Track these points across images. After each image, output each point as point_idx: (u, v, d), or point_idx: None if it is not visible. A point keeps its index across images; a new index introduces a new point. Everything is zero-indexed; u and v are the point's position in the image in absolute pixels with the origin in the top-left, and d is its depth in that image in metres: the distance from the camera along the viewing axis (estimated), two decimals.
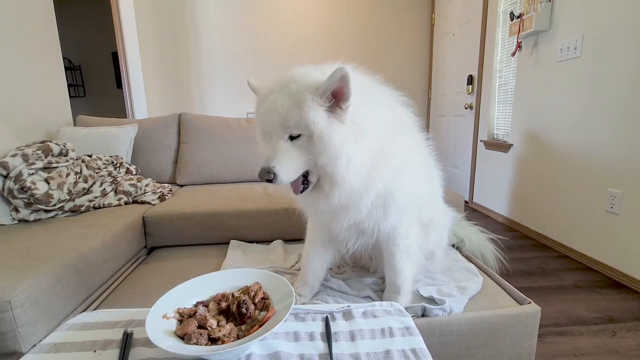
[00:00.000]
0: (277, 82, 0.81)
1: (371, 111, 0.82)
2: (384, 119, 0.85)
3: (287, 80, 0.79)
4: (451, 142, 3.82)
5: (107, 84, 5.45)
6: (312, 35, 4.15)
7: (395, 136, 0.88)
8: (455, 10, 3.61)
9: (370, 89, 0.89)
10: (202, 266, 1.40)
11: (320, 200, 0.87)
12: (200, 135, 2.31)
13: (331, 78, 0.72)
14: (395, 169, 0.88)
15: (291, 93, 0.76)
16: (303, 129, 0.76)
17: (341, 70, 0.71)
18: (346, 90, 0.73)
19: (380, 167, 0.84)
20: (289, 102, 0.76)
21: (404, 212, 0.98)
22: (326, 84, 0.73)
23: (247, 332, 0.66)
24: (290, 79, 0.79)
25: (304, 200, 0.94)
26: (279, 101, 0.76)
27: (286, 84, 0.78)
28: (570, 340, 1.40)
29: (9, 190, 1.42)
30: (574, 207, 2.18)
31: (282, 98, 0.77)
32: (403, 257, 1.03)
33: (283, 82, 0.79)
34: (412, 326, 0.75)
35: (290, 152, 0.77)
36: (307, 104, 0.74)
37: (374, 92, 0.89)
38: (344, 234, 1.01)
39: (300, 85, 0.76)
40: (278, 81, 0.81)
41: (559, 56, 2.24)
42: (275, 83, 0.82)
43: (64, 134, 2.12)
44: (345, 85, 0.73)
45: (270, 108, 0.78)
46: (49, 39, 2.40)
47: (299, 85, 0.76)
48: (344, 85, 0.73)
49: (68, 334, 0.74)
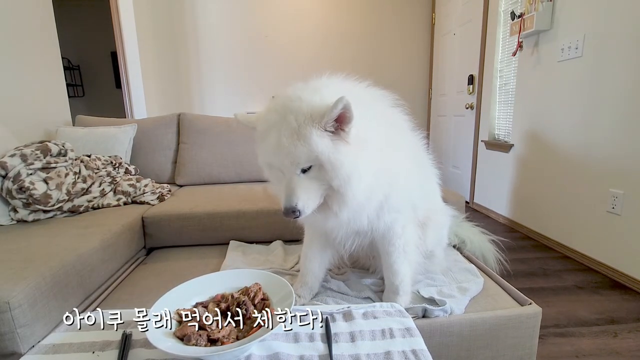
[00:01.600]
0: (272, 114, 0.78)
1: (370, 122, 0.81)
2: (380, 126, 0.85)
3: (283, 112, 0.76)
4: (452, 142, 3.82)
5: (106, 84, 5.45)
6: (312, 34, 4.15)
7: (389, 140, 0.87)
8: (455, 9, 3.61)
9: (364, 99, 0.88)
10: (202, 267, 1.39)
11: (329, 219, 0.86)
12: (199, 136, 2.30)
13: (334, 109, 0.71)
14: (389, 171, 0.88)
15: (293, 128, 0.74)
16: (313, 161, 0.75)
17: (342, 101, 0.70)
18: (349, 115, 0.72)
19: (380, 175, 0.84)
20: (293, 139, 0.73)
21: (398, 211, 0.98)
22: (329, 115, 0.72)
23: (246, 333, 0.65)
24: (286, 110, 0.76)
25: (312, 219, 0.91)
26: (284, 141, 0.74)
27: (284, 117, 0.75)
28: (571, 341, 1.39)
29: (8, 190, 1.41)
30: (575, 208, 2.17)
31: (286, 136, 0.74)
32: (400, 256, 1.03)
33: (280, 114, 0.76)
34: (413, 327, 0.74)
35: (306, 185, 0.77)
36: (313, 138, 0.73)
37: (366, 101, 0.88)
38: (341, 236, 1.01)
39: (300, 117, 0.74)
40: (272, 111, 0.78)
41: (560, 56, 2.24)
42: (270, 115, 0.78)
43: (63, 134, 2.12)
44: (347, 111, 0.72)
45: (276, 148, 0.75)
46: (48, 39, 2.39)
47: (298, 117, 0.74)
48: (346, 112, 0.72)
49: (67, 335, 0.73)
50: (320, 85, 0.80)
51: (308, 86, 0.81)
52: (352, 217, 0.86)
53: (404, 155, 0.95)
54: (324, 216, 0.85)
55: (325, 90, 0.78)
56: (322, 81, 0.84)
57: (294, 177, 0.77)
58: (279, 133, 0.75)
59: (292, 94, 0.78)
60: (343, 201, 0.80)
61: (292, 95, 0.78)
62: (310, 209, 0.78)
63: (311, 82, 0.83)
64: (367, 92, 0.93)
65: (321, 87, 0.79)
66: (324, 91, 0.78)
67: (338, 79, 0.87)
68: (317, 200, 0.80)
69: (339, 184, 0.77)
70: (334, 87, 0.81)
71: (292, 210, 0.76)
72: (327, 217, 0.85)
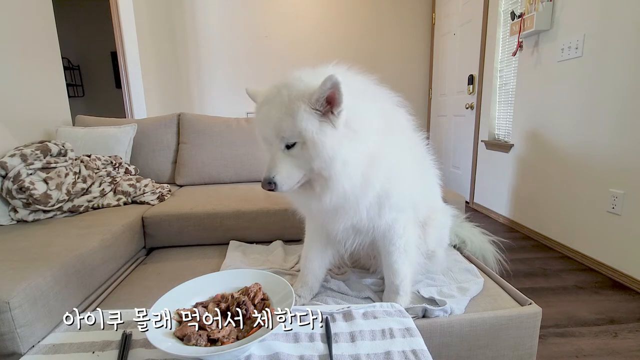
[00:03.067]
0: (272, 89, 0.82)
1: (364, 113, 0.82)
2: (377, 120, 0.86)
3: (280, 87, 0.80)
4: (452, 142, 3.82)
5: (106, 84, 5.45)
6: (312, 34, 4.15)
7: (388, 136, 0.88)
8: (456, 9, 3.61)
9: (364, 90, 0.89)
10: (202, 267, 1.39)
11: (312, 201, 0.87)
12: (199, 136, 2.30)
13: (322, 86, 0.72)
14: (389, 168, 0.88)
15: (283, 102, 0.77)
16: (297, 137, 0.77)
17: (331, 78, 0.71)
18: (338, 96, 0.74)
19: (376, 167, 0.85)
20: (281, 112, 0.77)
21: (399, 210, 0.98)
22: (318, 92, 0.73)
23: (246, 333, 0.65)
24: (283, 85, 0.80)
25: (297, 200, 0.96)
26: (273, 112, 0.78)
27: (279, 92, 0.79)
28: (571, 341, 1.39)
29: (8, 190, 1.41)
30: (576, 208, 2.17)
31: (275, 108, 0.78)
32: (401, 256, 1.03)
33: (277, 89, 0.80)
34: (413, 327, 0.74)
35: (287, 161, 0.79)
36: (300, 113, 0.75)
37: (367, 93, 0.89)
38: (342, 234, 1.01)
39: (293, 93, 0.77)
40: (273, 87, 0.82)
41: (560, 56, 2.24)
42: (270, 90, 0.83)
43: (63, 133, 2.12)
44: (336, 91, 0.73)
45: (265, 118, 0.80)
46: (48, 39, 2.39)
47: (291, 93, 0.77)
48: (335, 92, 0.73)
49: (67, 335, 0.73)
50: (324, 72, 0.82)
51: (314, 70, 0.84)
52: (341, 205, 0.87)
53: (406, 154, 0.96)
54: (307, 198, 0.88)
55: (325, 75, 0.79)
56: (327, 70, 0.85)
57: (278, 151, 0.80)
58: (271, 105, 0.79)
59: (294, 74, 0.82)
60: (326, 185, 0.82)
61: (295, 75, 0.81)
62: (288, 185, 0.81)
63: (317, 69, 0.85)
64: (371, 87, 0.93)
65: (324, 74, 0.80)
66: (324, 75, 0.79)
67: (342, 70, 0.88)
68: (297, 178, 0.81)
69: (320, 166, 0.78)
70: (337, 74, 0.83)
71: (269, 182, 0.79)
72: (310, 199, 0.87)
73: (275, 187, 0.79)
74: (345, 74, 0.87)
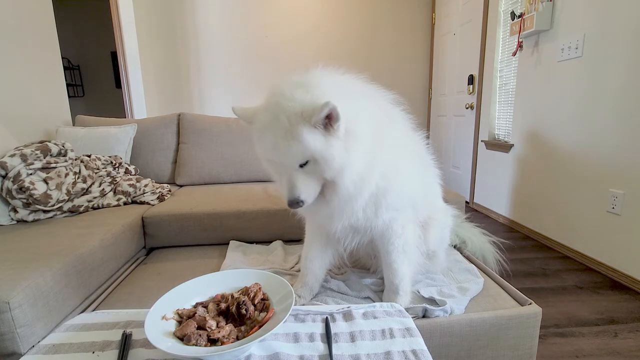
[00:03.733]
0: (266, 113, 0.81)
1: (360, 115, 0.83)
2: (373, 120, 0.86)
3: (276, 112, 0.78)
4: (452, 142, 3.82)
5: (106, 84, 5.45)
6: (312, 34, 4.15)
7: (385, 135, 0.89)
8: (455, 9, 3.61)
9: (356, 92, 0.90)
10: (202, 267, 1.39)
11: (322, 206, 0.89)
12: (199, 136, 2.30)
13: (319, 113, 0.73)
14: (385, 166, 0.89)
15: (286, 128, 0.77)
16: (308, 157, 0.79)
17: (328, 105, 0.72)
18: (335, 114, 0.75)
19: (372, 167, 0.86)
20: (287, 139, 0.77)
21: (397, 209, 0.98)
22: (316, 117, 0.74)
23: (246, 333, 0.65)
24: (279, 109, 0.78)
25: (307, 208, 0.95)
26: (279, 142, 0.78)
27: (277, 117, 0.78)
28: (571, 341, 1.39)
29: (8, 190, 1.41)
30: (576, 208, 2.17)
31: (280, 137, 0.78)
32: (400, 256, 1.03)
33: (273, 114, 0.79)
34: (413, 327, 0.74)
35: (304, 178, 0.82)
36: (305, 135, 0.76)
37: (360, 95, 0.90)
38: (340, 233, 1.02)
39: (292, 117, 0.76)
40: (267, 111, 0.81)
41: (560, 56, 2.24)
42: (266, 114, 0.81)
43: (63, 133, 2.12)
44: (334, 113, 0.74)
45: (273, 148, 0.80)
46: (48, 39, 2.39)
47: (290, 117, 0.77)
48: (333, 113, 0.75)
49: (67, 335, 0.73)
50: (313, 81, 0.82)
51: (301, 83, 0.82)
52: (342, 206, 0.89)
53: (402, 152, 0.96)
54: (317, 206, 0.89)
55: (316, 90, 0.80)
56: (315, 77, 0.85)
57: (293, 172, 0.81)
58: (274, 133, 0.79)
59: (285, 92, 0.80)
60: (334, 190, 0.84)
61: (286, 94, 0.80)
62: (312, 198, 0.84)
63: (304, 77, 0.84)
64: (361, 86, 0.94)
65: (313, 84, 0.81)
66: (316, 90, 0.79)
67: (330, 73, 0.89)
68: (317, 189, 0.85)
69: (332, 175, 0.82)
70: (326, 84, 0.83)
71: (297, 202, 0.82)
72: (321, 204, 0.89)
73: (303, 203, 0.82)
74: (334, 78, 0.88)
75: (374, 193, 0.91)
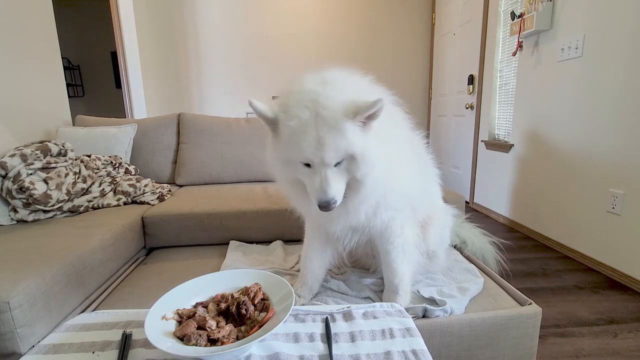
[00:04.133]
0: (304, 109, 0.76)
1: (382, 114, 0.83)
2: (384, 120, 0.86)
3: (315, 108, 0.75)
4: (452, 142, 3.82)
5: (106, 84, 5.45)
6: (312, 34, 4.15)
7: (390, 135, 0.89)
8: (455, 9, 3.61)
9: (375, 92, 0.90)
10: (202, 267, 1.39)
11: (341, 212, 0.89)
12: (199, 136, 2.30)
13: (371, 108, 0.74)
14: (387, 167, 0.88)
15: (330, 124, 0.75)
16: (349, 154, 0.78)
17: (381, 102, 0.74)
18: (379, 113, 0.76)
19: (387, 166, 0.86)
20: (333, 134, 0.75)
21: (395, 209, 0.98)
22: (365, 112, 0.75)
23: (246, 333, 0.65)
24: (318, 106, 0.75)
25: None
26: (324, 138, 0.75)
27: (317, 112, 0.75)
28: (571, 341, 1.39)
29: (8, 190, 1.41)
30: (576, 208, 2.17)
31: (325, 132, 0.75)
32: (399, 255, 1.03)
33: (312, 110, 0.76)
34: (413, 327, 0.74)
35: (338, 177, 0.80)
36: (349, 131, 0.76)
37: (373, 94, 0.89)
38: (340, 233, 1.02)
39: (335, 112, 0.75)
40: (303, 107, 0.76)
41: (560, 56, 2.24)
42: (302, 110, 0.76)
43: (63, 133, 2.12)
44: (380, 110, 0.76)
45: (315, 145, 0.75)
46: (48, 39, 2.39)
47: (333, 112, 0.75)
48: (379, 111, 0.76)
49: (67, 335, 0.73)
50: (338, 78, 0.83)
51: (325, 80, 0.81)
52: (358, 205, 0.88)
53: (401, 151, 0.96)
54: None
55: (347, 88, 0.81)
56: (338, 74, 0.85)
57: (328, 171, 0.78)
58: (317, 129, 0.75)
59: (317, 89, 0.78)
60: (356, 189, 0.84)
61: (319, 91, 0.78)
62: (341, 198, 0.82)
63: (326, 75, 0.84)
64: (372, 86, 0.94)
65: (339, 81, 0.82)
66: (347, 88, 0.80)
67: (345, 71, 0.89)
68: (344, 189, 0.83)
69: (363, 174, 0.81)
70: (352, 82, 0.85)
71: (332, 202, 0.78)
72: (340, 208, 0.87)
73: (335, 204, 0.80)
74: (354, 77, 0.89)
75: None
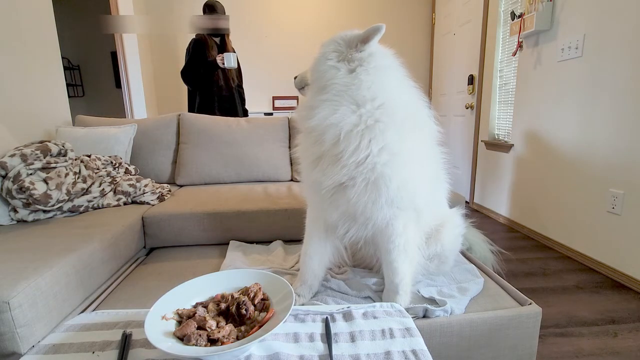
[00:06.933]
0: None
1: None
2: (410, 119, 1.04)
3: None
4: (452, 142, 3.82)
5: (106, 84, 5.44)
6: (312, 34, 4.15)
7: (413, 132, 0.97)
8: (455, 9, 3.61)
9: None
10: (202, 267, 1.39)
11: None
12: (199, 136, 2.30)
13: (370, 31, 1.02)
14: (391, 153, 0.90)
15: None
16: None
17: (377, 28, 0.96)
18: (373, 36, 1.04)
19: (371, 131, 0.90)
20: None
21: (399, 207, 0.97)
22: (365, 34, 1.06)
23: (246, 333, 0.65)
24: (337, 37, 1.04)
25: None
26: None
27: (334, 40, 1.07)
28: (571, 341, 1.39)
29: (8, 190, 1.41)
30: (576, 208, 2.17)
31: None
32: (400, 255, 1.02)
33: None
34: (413, 327, 0.74)
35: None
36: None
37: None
38: (337, 221, 1.01)
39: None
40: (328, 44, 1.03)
41: (560, 56, 2.24)
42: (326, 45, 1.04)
43: (63, 133, 2.12)
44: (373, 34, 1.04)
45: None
46: (48, 38, 2.39)
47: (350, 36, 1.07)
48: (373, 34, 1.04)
49: (67, 335, 0.73)
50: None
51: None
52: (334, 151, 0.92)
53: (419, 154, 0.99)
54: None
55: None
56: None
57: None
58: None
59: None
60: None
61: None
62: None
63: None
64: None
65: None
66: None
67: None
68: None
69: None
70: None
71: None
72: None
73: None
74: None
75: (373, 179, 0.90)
